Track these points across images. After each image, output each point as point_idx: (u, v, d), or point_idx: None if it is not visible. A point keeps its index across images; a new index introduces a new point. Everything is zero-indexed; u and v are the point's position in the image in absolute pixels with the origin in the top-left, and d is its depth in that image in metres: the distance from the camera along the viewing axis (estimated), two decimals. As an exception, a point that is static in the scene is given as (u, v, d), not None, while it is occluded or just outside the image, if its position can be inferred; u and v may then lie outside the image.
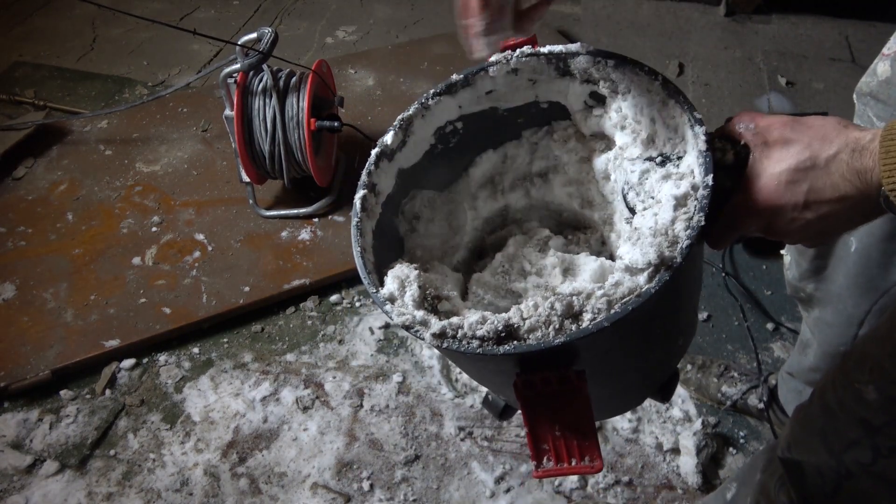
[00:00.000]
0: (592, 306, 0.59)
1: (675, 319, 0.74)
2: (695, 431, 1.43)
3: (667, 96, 0.68)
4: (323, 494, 1.39)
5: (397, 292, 0.66)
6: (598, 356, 0.64)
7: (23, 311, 1.70)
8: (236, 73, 1.71)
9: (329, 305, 1.76)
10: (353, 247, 0.70)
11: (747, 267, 1.82)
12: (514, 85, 0.78)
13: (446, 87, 0.77)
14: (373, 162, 0.75)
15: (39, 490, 1.40)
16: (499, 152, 0.84)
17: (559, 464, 0.60)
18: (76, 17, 2.92)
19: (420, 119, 0.77)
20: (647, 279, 0.59)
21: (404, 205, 0.80)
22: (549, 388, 0.60)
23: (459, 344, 0.61)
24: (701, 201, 0.61)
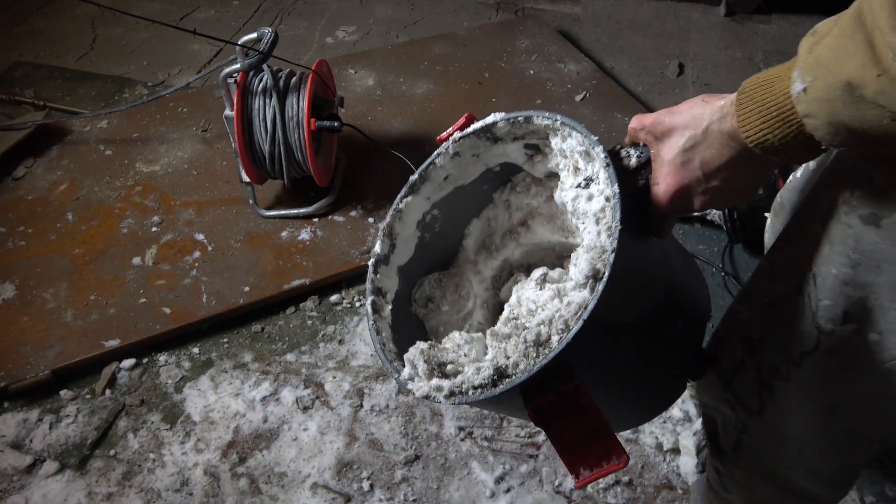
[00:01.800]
0: (555, 329, 0.68)
1: (656, 308, 0.80)
2: (695, 431, 1.43)
3: (570, 129, 0.78)
4: (323, 494, 1.39)
5: (412, 372, 0.77)
6: (588, 366, 0.71)
7: (23, 311, 1.70)
8: (236, 73, 1.71)
9: (329, 305, 1.76)
10: (374, 345, 0.81)
11: (747, 267, 1.82)
12: (462, 164, 0.89)
13: (408, 188, 0.89)
14: (372, 271, 0.87)
15: (39, 490, 1.40)
16: (482, 218, 0.96)
17: (593, 469, 0.67)
18: (76, 17, 2.92)
19: (398, 222, 0.89)
20: (589, 291, 0.68)
21: (415, 293, 0.91)
22: (556, 407, 0.67)
23: (467, 396, 0.71)
24: (615, 208, 0.69)
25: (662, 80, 2.52)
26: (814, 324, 0.73)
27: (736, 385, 0.88)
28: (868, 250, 0.67)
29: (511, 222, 0.96)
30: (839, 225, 0.69)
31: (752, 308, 0.84)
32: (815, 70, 0.56)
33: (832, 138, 0.57)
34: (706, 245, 1.88)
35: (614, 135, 2.22)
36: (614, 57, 2.64)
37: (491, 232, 0.97)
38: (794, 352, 0.77)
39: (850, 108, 0.54)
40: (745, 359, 0.85)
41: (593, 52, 2.65)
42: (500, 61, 2.50)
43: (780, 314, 0.79)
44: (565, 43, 2.63)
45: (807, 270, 0.73)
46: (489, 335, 0.83)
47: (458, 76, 2.44)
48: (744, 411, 0.88)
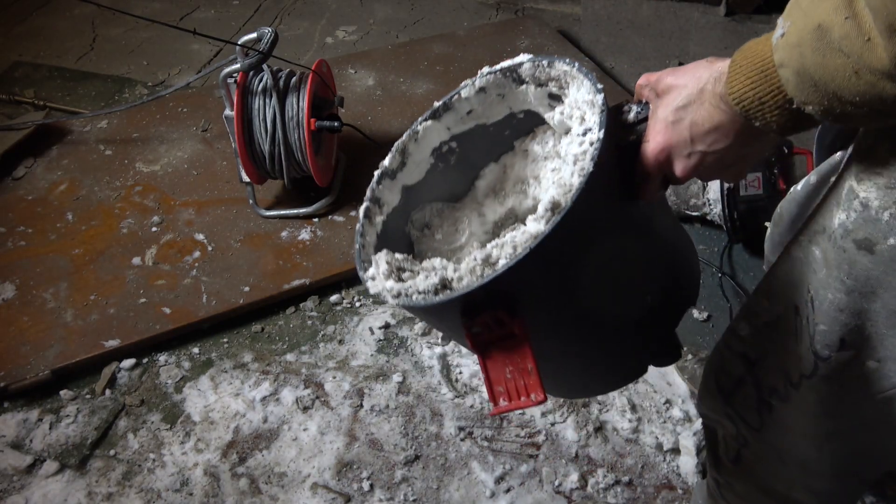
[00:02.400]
0: (505, 253, 0.69)
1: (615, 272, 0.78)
2: (695, 431, 1.43)
3: (583, 77, 0.77)
4: (323, 494, 1.39)
5: (375, 270, 0.78)
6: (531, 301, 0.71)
7: (23, 311, 1.70)
8: (236, 73, 1.71)
9: (329, 305, 1.76)
10: (355, 245, 0.82)
11: (746, 267, 1.82)
12: (487, 102, 0.88)
13: (431, 113, 0.88)
14: (376, 180, 0.87)
15: (39, 490, 1.40)
16: (500, 164, 0.94)
17: (511, 401, 0.69)
18: (76, 17, 2.92)
19: (413, 143, 0.88)
20: (545, 223, 0.67)
21: (414, 215, 0.91)
22: (492, 333, 0.69)
23: (410, 300, 0.72)
24: (593, 152, 0.69)
25: (662, 80, 2.52)
26: (811, 349, 0.72)
27: (736, 401, 0.87)
28: (862, 276, 0.65)
29: (525, 173, 0.94)
30: (835, 249, 0.67)
31: (752, 326, 0.83)
32: (794, 14, 0.54)
33: (799, 92, 0.55)
34: (706, 245, 1.88)
35: (614, 135, 2.22)
36: (614, 57, 2.64)
37: (505, 179, 0.95)
38: (793, 374, 0.76)
39: (816, 55, 0.52)
40: (744, 376, 0.84)
41: (593, 52, 2.65)
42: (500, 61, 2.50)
43: (777, 335, 0.78)
44: (565, 43, 2.63)
45: (804, 293, 0.72)
46: None
47: (458, 76, 2.44)
48: (744, 425, 0.87)
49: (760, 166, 1.72)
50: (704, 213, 1.86)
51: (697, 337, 1.65)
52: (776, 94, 0.58)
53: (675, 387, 1.55)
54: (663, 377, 1.57)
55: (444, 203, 0.94)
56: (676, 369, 1.56)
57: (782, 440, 0.83)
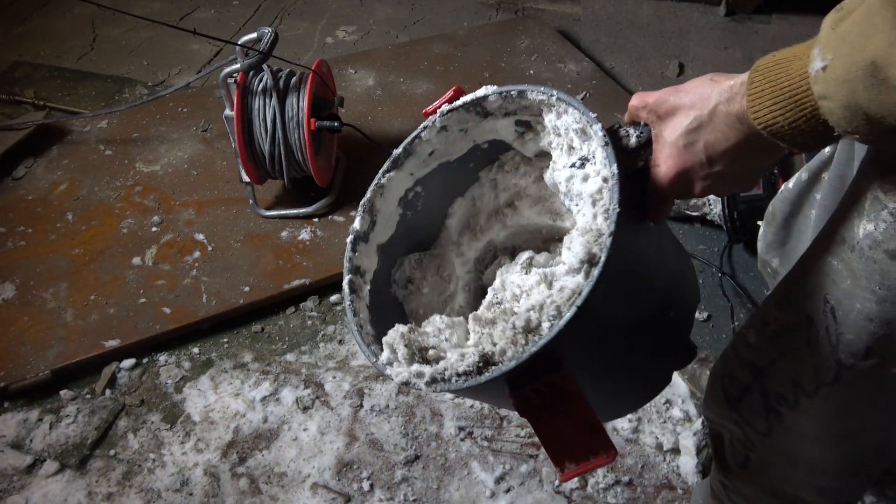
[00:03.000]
0: (547, 315, 0.65)
1: (648, 297, 0.77)
2: (695, 431, 1.43)
3: (567, 106, 0.74)
4: (323, 494, 1.39)
5: (392, 356, 0.72)
6: (577, 355, 0.68)
7: (23, 311, 1.70)
8: (236, 73, 1.71)
9: (329, 305, 1.76)
10: (350, 326, 0.78)
11: (746, 267, 1.82)
12: (449, 139, 0.85)
13: (392, 162, 0.84)
14: (350, 248, 0.82)
15: (39, 490, 1.40)
16: (467, 198, 0.91)
17: (579, 463, 0.64)
18: (76, 17, 2.92)
19: (380, 198, 0.85)
20: (584, 276, 0.64)
21: (394, 274, 0.87)
22: (542, 397, 0.65)
23: (450, 384, 0.67)
24: (612, 190, 0.66)
25: (662, 80, 2.52)
26: (833, 357, 0.71)
27: (742, 407, 0.87)
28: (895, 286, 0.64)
29: (497, 203, 0.92)
30: (863, 259, 0.66)
31: (760, 334, 0.82)
32: (838, 48, 0.52)
33: (847, 124, 0.54)
34: (706, 245, 1.88)
35: (614, 135, 2.22)
36: (614, 57, 2.64)
37: (476, 212, 0.92)
38: (807, 382, 0.76)
39: (870, 91, 0.50)
40: (751, 383, 0.84)
41: (593, 52, 2.65)
42: (500, 61, 2.50)
43: (787, 343, 0.77)
44: (565, 43, 2.63)
45: (822, 303, 0.71)
46: (471, 319, 0.80)
47: (458, 76, 2.44)
48: (752, 430, 0.87)
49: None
50: (704, 213, 1.86)
51: (697, 337, 1.65)
52: (809, 120, 0.56)
53: (675, 387, 1.55)
54: (663, 377, 1.57)
55: (419, 253, 0.90)
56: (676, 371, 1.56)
57: (791, 444, 0.83)
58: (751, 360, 0.83)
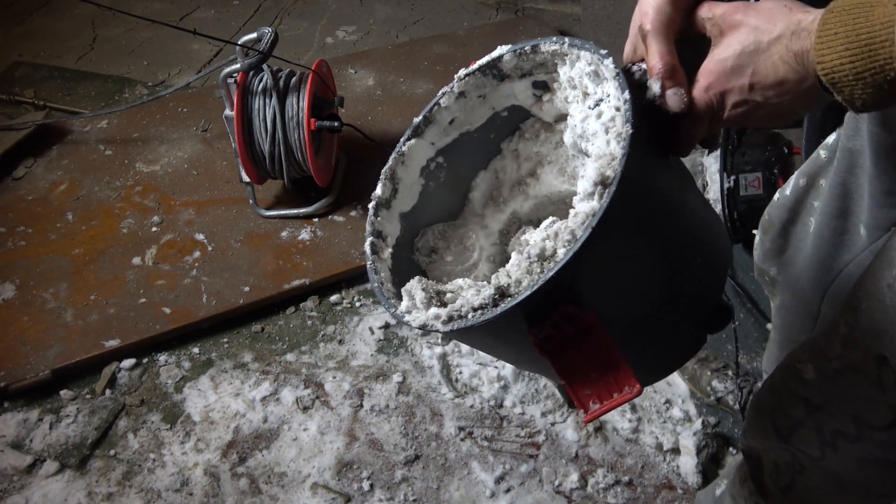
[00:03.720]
0: (562, 241, 0.64)
1: (670, 233, 0.74)
2: (695, 431, 1.43)
3: (578, 50, 0.74)
4: (323, 494, 1.39)
5: (410, 304, 0.72)
6: (599, 288, 0.66)
7: (23, 311, 1.70)
8: (236, 73, 1.71)
9: (329, 305, 1.76)
10: (371, 283, 0.77)
11: (746, 267, 1.82)
12: (468, 107, 0.85)
13: (412, 130, 0.84)
14: (372, 213, 0.83)
15: (39, 490, 1.40)
16: (489, 170, 0.91)
17: (603, 402, 0.63)
18: (76, 17, 2.92)
19: (401, 166, 0.84)
20: (597, 199, 0.63)
21: (417, 242, 0.87)
22: (563, 333, 0.63)
23: (466, 320, 0.65)
24: (625, 114, 0.65)
25: (662, 80, 2.52)
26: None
27: (794, 440, 0.84)
28: None
29: (520, 173, 0.91)
30: None
31: (820, 371, 0.78)
32: None
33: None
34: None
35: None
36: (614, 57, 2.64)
37: (499, 184, 0.92)
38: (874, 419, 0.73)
39: None
40: (804, 419, 0.81)
41: (593, 52, 2.64)
42: (500, 61, 2.50)
43: (851, 382, 0.74)
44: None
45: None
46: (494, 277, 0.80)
47: (458, 76, 2.44)
48: (803, 455, 0.84)
49: (760, 166, 1.72)
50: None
51: (697, 337, 1.65)
52: (878, 73, 0.52)
53: (675, 387, 1.55)
54: (663, 377, 1.57)
55: (444, 224, 0.90)
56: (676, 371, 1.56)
57: (846, 468, 0.80)
58: (806, 397, 0.80)
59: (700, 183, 1.83)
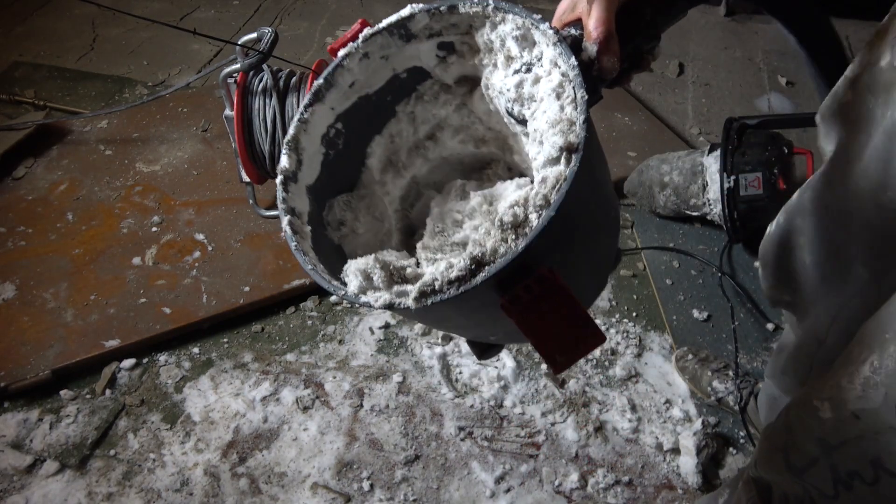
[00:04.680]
0: (533, 206, 0.65)
1: (603, 188, 0.78)
2: (695, 431, 1.43)
3: (504, 14, 0.74)
4: (323, 494, 1.39)
5: (365, 283, 0.70)
6: (559, 247, 0.68)
7: (23, 311, 1.70)
8: (236, 73, 1.71)
9: (329, 305, 1.76)
10: (303, 267, 0.73)
11: (746, 267, 1.82)
12: (370, 69, 0.82)
13: (313, 94, 0.81)
14: (281, 189, 0.79)
15: (39, 490, 1.40)
16: (384, 134, 0.89)
17: (568, 354, 0.65)
18: (76, 17, 2.92)
19: (304, 134, 0.81)
20: (565, 164, 0.65)
21: (326, 216, 0.84)
22: (531, 294, 0.64)
23: (441, 294, 0.65)
24: (575, 80, 0.67)
25: (662, 80, 2.52)
26: None
27: (808, 477, 0.83)
28: None
29: (417, 136, 0.90)
30: None
31: (838, 412, 0.77)
32: None
33: None
34: (706, 245, 1.88)
35: (614, 134, 2.22)
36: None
37: (396, 149, 0.90)
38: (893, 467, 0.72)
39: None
40: (819, 457, 0.80)
41: (593, 52, 2.64)
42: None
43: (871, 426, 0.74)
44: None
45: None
46: (420, 248, 0.78)
47: (458, 76, 2.44)
48: (816, 492, 0.83)
49: (760, 166, 1.72)
50: (704, 213, 1.86)
51: (697, 337, 1.65)
52: None
53: (675, 387, 1.55)
54: (663, 377, 1.57)
55: (347, 194, 0.87)
56: (677, 369, 1.56)
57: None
58: (822, 437, 0.79)
59: (700, 183, 1.83)
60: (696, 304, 1.72)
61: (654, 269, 1.82)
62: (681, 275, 1.80)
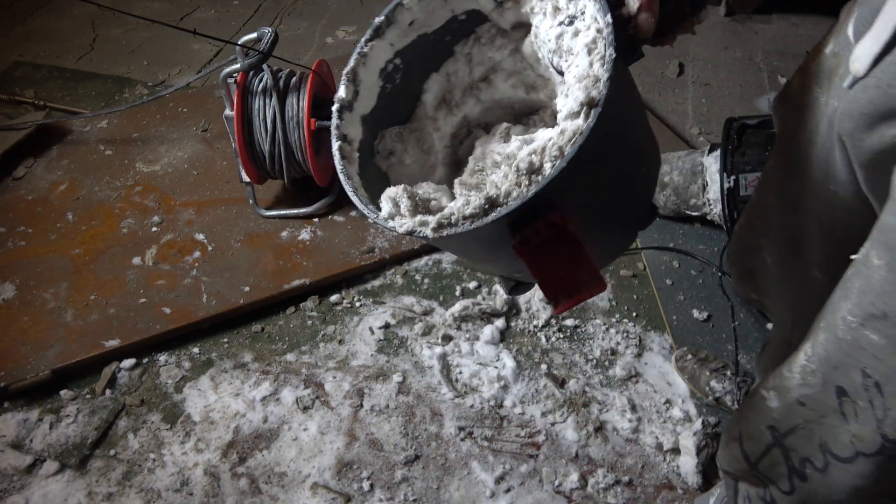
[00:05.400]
0: (549, 156, 0.68)
1: (630, 145, 0.80)
2: (695, 431, 1.43)
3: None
4: (323, 494, 1.39)
5: (394, 210, 0.75)
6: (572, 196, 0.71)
7: (23, 311, 1.70)
8: (236, 73, 1.71)
9: (329, 305, 1.76)
10: (346, 189, 0.78)
11: (747, 267, 1.82)
12: (429, 8, 0.86)
13: (374, 31, 0.86)
14: (336, 116, 0.84)
15: (39, 490, 1.40)
16: (441, 73, 0.93)
17: (572, 296, 0.69)
18: (76, 17, 2.92)
19: (362, 67, 0.86)
20: (584, 118, 0.67)
21: (377, 145, 0.89)
22: (541, 237, 0.68)
23: (455, 227, 0.70)
24: (607, 38, 0.69)
25: (662, 80, 2.52)
26: (878, 431, 0.70)
27: (763, 465, 0.85)
28: None
29: (472, 77, 0.93)
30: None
31: (783, 401, 0.80)
32: None
33: None
34: (706, 245, 1.88)
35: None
36: None
37: (451, 87, 0.94)
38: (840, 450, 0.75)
39: None
40: (771, 445, 0.83)
41: (593, 52, 2.64)
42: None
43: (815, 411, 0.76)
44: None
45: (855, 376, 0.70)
46: (457, 184, 0.82)
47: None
48: (774, 488, 0.85)
49: (760, 166, 1.72)
50: (704, 213, 1.86)
51: (697, 337, 1.65)
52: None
53: (675, 387, 1.55)
54: (663, 377, 1.57)
55: (400, 126, 0.91)
56: (676, 369, 1.56)
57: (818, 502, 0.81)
58: (772, 425, 0.82)
59: (700, 183, 1.83)
60: (696, 304, 1.72)
61: (654, 269, 1.82)
62: (681, 275, 1.80)
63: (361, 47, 0.85)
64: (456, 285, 1.78)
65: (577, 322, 1.69)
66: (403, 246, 1.84)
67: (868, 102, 0.65)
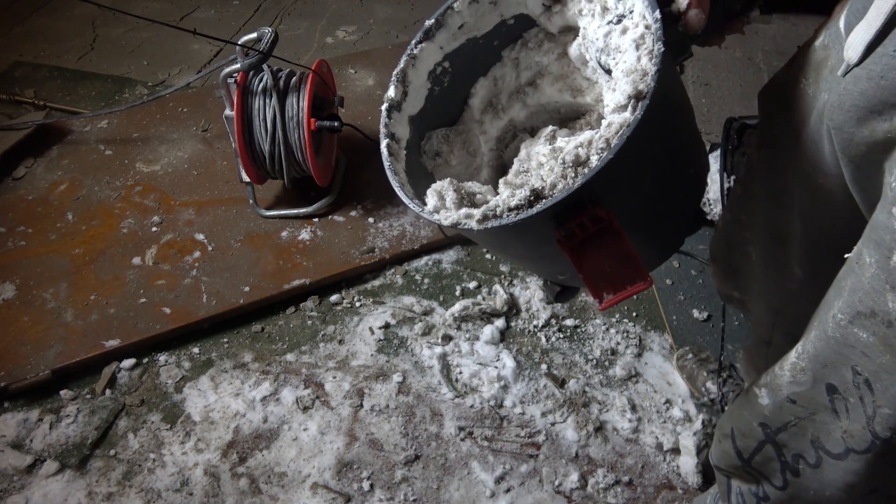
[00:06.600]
0: (595, 148, 0.67)
1: (677, 143, 0.80)
2: (695, 431, 1.43)
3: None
4: (323, 494, 1.39)
5: (439, 203, 0.76)
6: (617, 191, 0.71)
7: (23, 311, 1.70)
8: (236, 73, 1.71)
9: (329, 305, 1.76)
10: (392, 184, 0.80)
11: (747, 267, 1.82)
12: (479, 12, 0.87)
13: (424, 33, 0.87)
14: (385, 115, 0.86)
15: (39, 490, 1.40)
16: (489, 77, 0.94)
17: (617, 292, 0.69)
18: (76, 17, 2.92)
19: (412, 69, 0.88)
20: (631, 111, 0.67)
21: (424, 146, 0.91)
22: (586, 231, 0.68)
23: (501, 219, 0.69)
24: (656, 33, 0.69)
25: (662, 80, 2.52)
26: (868, 428, 0.70)
27: (756, 462, 0.86)
28: None
29: (519, 82, 0.94)
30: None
31: (774, 398, 0.81)
32: None
33: None
34: (706, 245, 1.87)
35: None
36: None
37: (498, 91, 0.95)
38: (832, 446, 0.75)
39: None
40: (764, 441, 0.83)
41: (593, 52, 2.64)
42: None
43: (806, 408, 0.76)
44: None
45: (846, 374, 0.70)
46: (502, 184, 0.83)
47: (458, 76, 2.44)
48: (767, 483, 0.86)
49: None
50: (704, 213, 1.86)
51: (697, 337, 1.65)
52: None
53: (675, 387, 1.55)
54: (663, 377, 1.57)
55: (447, 128, 0.93)
56: (676, 368, 1.56)
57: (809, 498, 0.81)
58: (763, 421, 0.83)
59: (700, 183, 1.83)
60: (696, 304, 1.72)
61: (655, 269, 1.82)
62: (681, 275, 1.81)
63: (411, 49, 0.87)
64: (456, 285, 1.78)
65: (577, 322, 1.69)
66: (403, 246, 1.84)
67: (860, 95, 0.64)
